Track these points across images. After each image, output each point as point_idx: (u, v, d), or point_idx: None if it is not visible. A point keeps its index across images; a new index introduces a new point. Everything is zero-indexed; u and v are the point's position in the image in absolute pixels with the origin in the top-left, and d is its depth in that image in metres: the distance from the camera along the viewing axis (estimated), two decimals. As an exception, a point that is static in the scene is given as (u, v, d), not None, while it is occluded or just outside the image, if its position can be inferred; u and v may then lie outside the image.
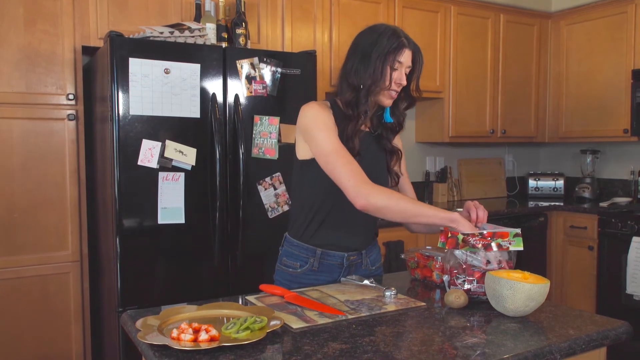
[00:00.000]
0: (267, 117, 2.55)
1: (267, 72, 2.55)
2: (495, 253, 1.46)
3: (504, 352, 1.12)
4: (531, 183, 4.33)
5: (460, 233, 1.45)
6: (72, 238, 2.66)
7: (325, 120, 1.59)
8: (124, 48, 2.27)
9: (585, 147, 4.22)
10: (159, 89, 2.33)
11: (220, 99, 2.47)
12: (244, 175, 2.47)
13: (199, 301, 1.43)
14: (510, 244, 1.44)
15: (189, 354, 1.09)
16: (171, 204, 2.36)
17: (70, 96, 2.63)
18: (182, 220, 2.39)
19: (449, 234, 1.47)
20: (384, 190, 1.55)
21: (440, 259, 1.64)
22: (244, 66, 2.51)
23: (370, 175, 1.56)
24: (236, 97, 2.49)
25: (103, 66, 2.39)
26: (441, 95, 3.73)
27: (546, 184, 4.30)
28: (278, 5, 3.06)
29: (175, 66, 2.36)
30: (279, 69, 2.58)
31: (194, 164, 2.40)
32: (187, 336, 1.12)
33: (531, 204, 3.92)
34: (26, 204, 2.56)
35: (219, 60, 2.46)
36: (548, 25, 4.23)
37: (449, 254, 1.50)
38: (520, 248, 1.46)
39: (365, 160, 1.63)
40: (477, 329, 1.28)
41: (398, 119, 1.72)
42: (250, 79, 2.52)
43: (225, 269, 2.51)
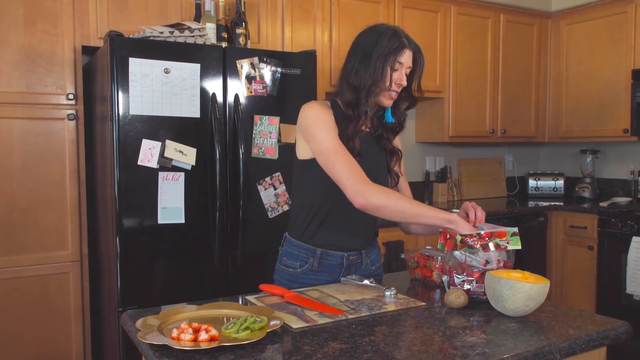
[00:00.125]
0: (267, 117, 2.55)
1: (267, 72, 2.55)
2: (494, 253, 1.46)
3: (503, 352, 1.12)
4: (531, 183, 4.33)
5: (459, 234, 1.45)
6: (72, 238, 2.66)
7: (325, 119, 1.59)
8: (124, 48, 2.27)
9: (585, 147, 4.22)
10: (159, 89, 2.33)
11: (220, 98, 2.47)
12: (244, 175, 2.47)
13: (199, 301, 1.43)
14: (508, 243, 1.45)
15: (188, 354, 1.09)
16: (171, 203, 2.36)
17: (70, 96, 2.63)
18: (182, 220, 2.39)
19: (448, 235, 1.48)
20: (383, 189, 1.55)
21: (440, 259, 1.64)
22: (244, 66, 2.51)
23: (370, 175, 1.56)
24: (236, 97, 2.49)
25: (103, 66, 2.40)
26: (441, 95, 3.73)
27: (546, 183, 4.30)
28: (278, 5, 3.06)
29: (175, 66, 2.36)
30: (279, 69, 2.58)
31: (194, 164, 2.40)
32: (187, 336, 1.12)
33: (531, 203, 3.92)
34: (26, 204, 2.56)
35: (219, 60, 2.46)
36: (548, 25, 4.23)
37: (448, 254, 1.50)
38: (518, 247, 1.46)
39: (366, 161, 1.63)
40: (477, 329, 1.28)
41: (399, 119, 1.72)
42: (250, 79, 2.52)
43: (225, 269, 2.51)
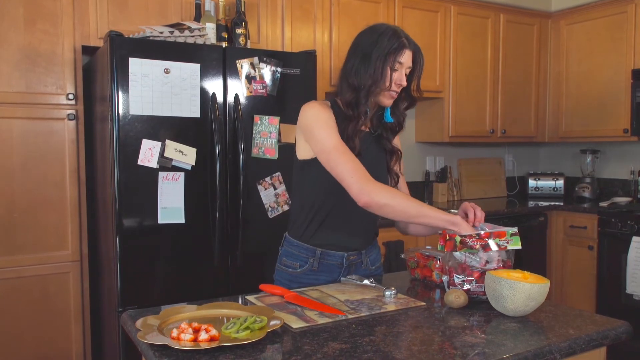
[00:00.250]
0: (267, 117, 2.55)
1: (267, 72, 2.55)
2: (494, 253, 1.46)
3: (503, 352, 1.12)
4: (531, 183, 4.33)
5: (458, 235, 1.45)
6: (72, 238, 2.66)
7: (326, 119, 1.59)
8: (124, 48, 2.27)
9: (585, 147, 4.22)
10: (159, 89, 2.33)
11: (220, 98, 2.47)
12: (243, 175, 2.47)
13: (199, 301, 1.43)
14: (507, 243, 1.45)
15: (188, 354, 1.09)
16: (171, 203, 2.36)
17: (70, 96, 2.63)
18: (182, 220, 2.39)
19: (447, 237, 1.47)
20: (387, 188, 1.55)
21: (440, 259, 1.64)
22: (244, 66, 2.51)
23: (370, 175, 1.56)
24: (236, 97, 2.49)
25: (103, 66, 2.39)
26: (441, 95, 3.73)
27: (546, 183, 4.30)
28: (278, 5, 3.06)
29: (175, 66, 2.36)
30: (279, 69, 2.58)
31: (194, 164, 2.40)
32: (187, 336, 1.12)
33: (531, 203, 3.92)
34: (26, 203, 2.56)
35: (219, 60, 2.46)
36: (548, 25, 4.23)
37: (448, 254, 1.50)
38: (518, 247, 1.46)
39: (366, 160, 1.62)
40: (477, 329, 1.28)
41: (398, 119, 1.72)
42: (250, 79, 2.52)
43: (225, 269, 2.51)
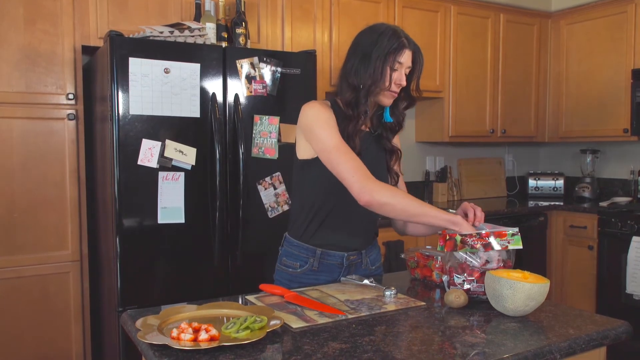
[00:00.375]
0: (267, 117, 2.55)
1: (267, 72, 2.55)
2: (494, 252, 1.46)
3: (503, 352, 1.12)
4: (531, 183, 4.33)
5: (458, 234, 1.45)
6: (72, 238, 2.66)
7: (326, 118, 1.59)
8: (124, 48, 2.27)
9: (585, 147, 4.22)
10: (159, 89, 2.33)
11: (220, 98, 2.47)
12: (243, 175, 2.47)
13: (199, 301, 1.43)
14: (509, 243, 1.44)
15: (188, 354, 1.09)
16: (171, 203, 2.36)
17: (70, 96, 2.63)
18: (182, 220, 2.39)
19: (447, 237, 1.47)
20: (388, 187, 1.55)
21: (440, 259, 1.64)
22: (244, 66, 2.51)
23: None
24: (236, 97, 2.49)
25: (103, 66, 2.39)
26: (441, 95, 3.73)
27: (546, 183, 4.30)
28: (278, 5, 3.06)
29: (175, 66, 2.36)
30: (279, 69, 2.58)
31: (194, 164, 2.40)
32: (187, 336, 1.12)
33: (531, 203, 3.92)
34: (26, 203, 2.56)
35: (219, 59, 2.46)
36: (548, 25, 4.23)
37: (447, 254, 1.50)
38: (519, 247, 1.46)
39: (366, 160, 1.62)
40: (477, 329, 1.28)
41: (398, 118, 1.72)
42: (250, 79, 2.52)
43: (225, 269, 2.51)
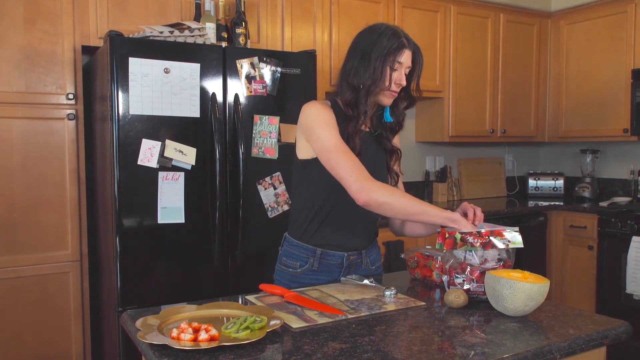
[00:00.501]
0: (267, 117, 2.55)
1: (267, 72, 2.55)
2: (494, 251, 1.46)
3: (503, 352, 1.12)
4: (531, 183, 4.33)
5: (458, 232, 1.45)
6: (72, 237, 2.66)
7: (326, 118, 1.59)
8: (124, 47, 2.27)
9: (585, 147, 4.22)
10: (159, 89, 2.33)
11: (220, 98, 2.47)
12: (243, 175, 2.47)
13: (199, 301, 1.43)
14: (509, 241, 1.44)
15: (188, 354, 1.09)
16: (171, 203, 2.36)
17: (70, 96, 2.63)
18: (182, 220, 2.39)
19: (447, 235, 1.47)
20: (386, 186, 1.55)
21: (439, 258, 1.64)
22: (244, 66, 2.51)
23: (370, 174, 1.56)
24: (236, 97, 2.49)
25: (103, 66, 2.39)
26: (441, 95, 3.73)
27: (546, 183, 4.30)
28: (278, 4, 3.06)
29: (175, 66, 2.35)
30: (279, 69, 2.58)
31: (194, 164, 2.40)
32: (187, 336, 1.12)
33: (531, 203, 3.92)
34: (26, 203, 2.56)
35: (219, 59, 2.46)
36: (548, 25, 4.23)
37: (447, 254, 1.50)
38: (520, 245, 1.45)
39: (366, 160, 1.62)
40: (477, 329, 1.28)
41: (398, 118, 1.72)
42: (250, 79, 2.52)
43: (225, 269, 2.51)
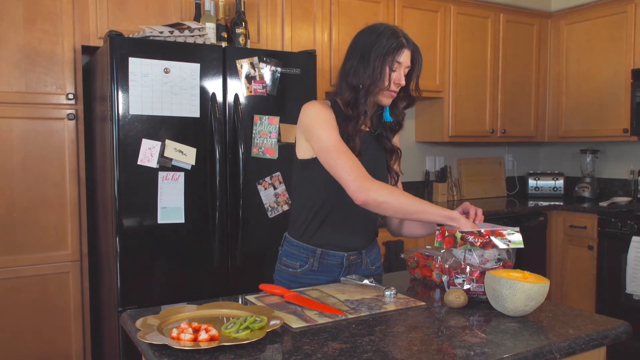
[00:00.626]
0: (267, 117, 2.55)
1: (267, 72, 2.55)
2: (494, 251, 1.46)
3: (503, 352, 1.12)
4: (531, 183, 4.33)
5: (459, 231, 1.45)
6: (72, 237, 2.66)
7: (326, 118, 1.59)
8: (124, 47, 2.27)
9: (585, 147, 4.22)
10: (159, 89, 2.33)
11: (220, 98, 2.47)
12: (243, 175, 2.47)
13: (199, 301, 1.43)
14: (509, 242, 1.44)
15: (188, 354, 1.09)
16: (171, 203, 2.36)
17: (70, 96, 2.63)
18: (182, 220, 2.39)
19: (446, 233, 1.47)
20: (385, 186, 1.55)
21: (439, 258, 1.64)
22: (244, 66, 2.51)
23: (370, 174, 1.56)
24: (236, 97, 2.49)
25: (103, 66, 2.39)
26: (441, 95, 3.73)
27: (546, 183, 4.30)
28: (278, 4, 3.06)
29: (175, 66, 2.35)
30: (279, 69, 2.58)
31: (194, 164, 2.40)
32: (187, 336, 1.12)
33: (531, 203, 3.92)
34: (26, 203, 2.56)
35: (219, 59, 2.46)
36: (548, 25, 4.23)
37: (446, 253, 1.50)
38: (521, 246, 1.45)
39: (366, 160, 1.63)
40: (477, 329, 1.28)
41: (397, 118, 1.72)
42: (250, 79, 2.52)
43: (225, 269, 2.51)
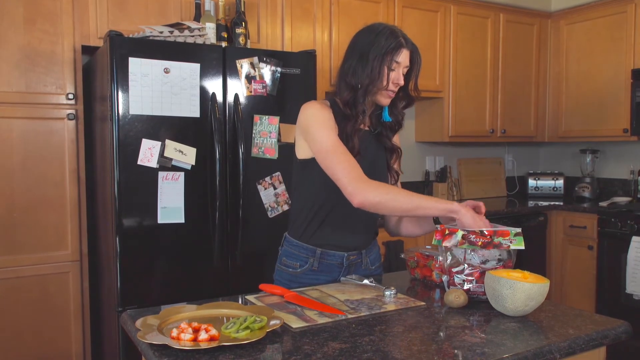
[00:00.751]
0: (267, 117, 2.55)
1: (267, 72, 2.55)
2: (494, 251, 1.46)
3: (503, 352, 1.12)
4: (531, 182, 4.33)
5: (460, 230, 1.45)
6: (72, 237, 2.66)
7: (324, 118, 1.59)
8: (124, 47, 2.27)
9: (585, 147, 4.22)
10: (159, 89, 2.33)
11: (220, 98, 2.47)
12: (243, 174, 2.47)
13: (199, 301, 1.43)
14: (511, 242, 1.44)
15: (188, 354, 1.09)
16: (171, 203, 2.36)
17: (70, 96, 2.63)
18: (182, 220, 2.39)
19: (447, 231, 1.47)
20: (380, 185, 1.53)
21: (440, 258, 1.64)
22: (244, 66, 2.51)
23: (370, 173, 1.56)
24: (236, 97, 2.49)
25: (103, 66, 2.39)
26: (441, 95, 3.73)
27: (546, 183, 4.30)
28: (278, 4, 3.06)
29: (175, 66, 2.35)
30: (279, 69, 2.58)
31: (194, 164, 2.40)
32: (187, 336, 1.12)
33: (531, 203, 3.92)
34: (26, 203, 2.56)
35: (219, 59, 2.46)
36: (548, 25, 4.23)
37: (445, 252, 1.49)
38: (522, 247, 1.45)
39: (366, 159, 1.63)
40: (477, 329, 1.28)
41: (397, 117, 1.72)
42: (250, 79, 2.52)
43: (225, 269, 2.51)
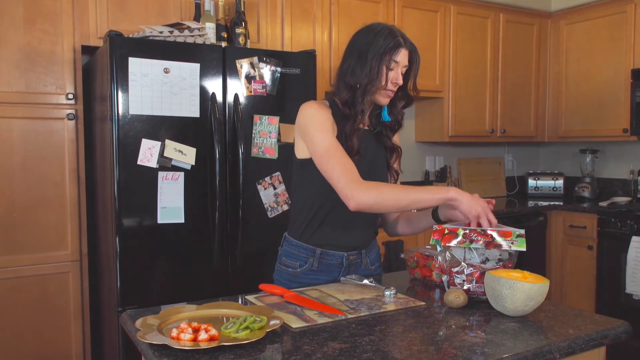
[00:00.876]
0: (267, 117, 2.55)
1: (267, 72, 2.55)
2: (495, 251, 1.46)
3: (503, 352, 1.12)
4: (531, 182, 4.33)
5: (461, 229, 1.45)
6: (72, 237, 2.66)
7: (322, 119, 1.59)
8: (124, 47, 2.27)
9: (585, 147, 4.23)
10: (159, 89, 2.33)
11: (219, 98, 2.47)
12: (243, 174, 2.47)
13: (199, 301, 1.43)
14: (512, 243, 1.43)
15: (188, 354, 1.09)
16: (171, 203, 2.36)
17: (70, 96, 2.63)
18: (182, 220, 2.39)
19: (446, 230, 1.47)
20: (374, 186, 1.52)
21: (439, 258, 1.64)
22: (244, 66, 2.51)
23: (370, 173, 1.56)
24: (236, 97, 2.49)
25: (102, 66, 2.39)
26: (441, 95, 3.73)
27: (546, 183, 4.30)
28: (278, 4, 3.06)
29: (174, 66, 2.35)
30: (279, 69, 2.58)
31: (194, 164, 2.40)
32: (187, 335, 1.12)
33: (531, 203, 3.92)
34: (26, 203, 2.56)
35: (219, 59, 2.46)
36: (548, 25, 4.23)
37: (444, 251, 1.49)
38: (523, 249, 1.44)
39: (366, 159, 1.63)
40: (477, 329, 1.28)
41: (396, 117, 1.72)
42: (249, 79, 2.52)
43: (225, 269, 2.51)
